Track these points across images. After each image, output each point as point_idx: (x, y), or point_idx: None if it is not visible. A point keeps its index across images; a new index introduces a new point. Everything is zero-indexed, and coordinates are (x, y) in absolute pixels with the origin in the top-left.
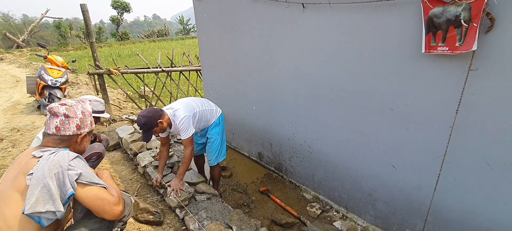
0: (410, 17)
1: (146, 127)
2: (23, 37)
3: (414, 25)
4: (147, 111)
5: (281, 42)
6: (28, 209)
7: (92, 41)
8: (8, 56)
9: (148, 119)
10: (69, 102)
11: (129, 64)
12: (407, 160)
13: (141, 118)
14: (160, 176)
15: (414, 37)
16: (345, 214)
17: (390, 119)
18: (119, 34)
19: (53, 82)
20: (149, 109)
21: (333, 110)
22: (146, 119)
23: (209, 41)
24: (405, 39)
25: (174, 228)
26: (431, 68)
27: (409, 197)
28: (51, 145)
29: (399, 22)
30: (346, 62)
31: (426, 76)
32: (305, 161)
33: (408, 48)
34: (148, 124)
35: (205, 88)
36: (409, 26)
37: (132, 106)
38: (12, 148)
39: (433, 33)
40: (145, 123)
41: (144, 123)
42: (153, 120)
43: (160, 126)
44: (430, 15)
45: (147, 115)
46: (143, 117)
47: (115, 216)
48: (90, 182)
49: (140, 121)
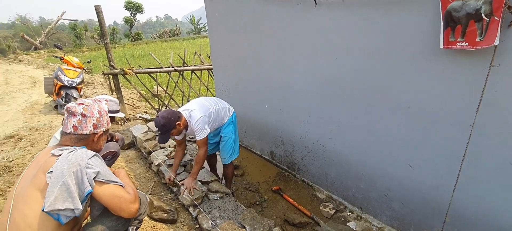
0: (427, 12)
1: (165, 128)
2: (41, 39)
3: (432, 20)
4: (166, 113)
5: (293, 40)
6: (48, 207)
7: (107, 42)
8: (27, 58)
9: (167, 120)
10: (86, 102)
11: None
12: (425, 159)
13: (160, 119)
14: (173, 174)
15: (432, 32)
16: (359, 215)
17: (406, 117)
18: (132, 34)
19: (69, 83)
20: (167, 111)
21: (347, 108)
22: (165, 120)
23: (221, 40)
24: (422, 34)
25: (188, 227)
26: (450, 65)
27: (427, 197)
28: (69, 143)
29: (415, 17)
30: (360, 60)
31: (444, 72)
32: (318, 160)
33: (425, 44)
34: (167, 126)
35: (217, 87)
36: (426, 21)
37: (145, 105)
38: (30, 146)
39: (451, 28)
40: (164, 124)
41: (163, 124)
42: (171, 122)
43: (177, 128)
44: (448, 9)
45: (166, 117)
46: (162, 118)
47: (131, 214)
48: (107, 180)
49: (159, 122)
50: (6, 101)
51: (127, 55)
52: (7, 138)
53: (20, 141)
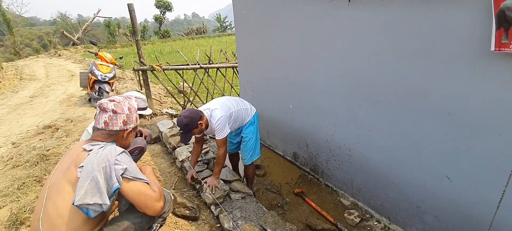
0: (478, 10)
1: (187, 128)
2: (78, 35)
3: (482, 19)
4: (188, 112)
5: (323, 39)
6: (78, 201)
7: (138, 39)
8: (65, 53)
9: (189, 120)
10: (117, 99)
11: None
12: (465, 171)
13: (183, 118)
14: (193, 171)
15: (482, 33)
16: (387, 225)
17: (447, 124)
18: (161, 32)
19: (102, 77)
20: (189, 110)
21: (379, 112)
22: (187, 119)
23: (247, 38)
24: (470, 35)
25: (209, 225)
26: (502, 69)
27: (465, 212)
28: (100, 139)
29: (463, 15)
30: (396, 61)
31: (494, 77)
32: (344, 164)
33: (473, 46)
34: (189, 125)
35: (241, 85)
36: (476, 21)
37: (171, 101)
38: (66, 137)
39: (505, 29)
40: (186, 124)
41: (186, 123)
42: (194, 121)
43: (199, 127)
44: (502, 8)
45: (189, 116)
46: (185, 117)
47: (156, 211)
48: (134, 177)
49: (182, 121)
50: (46, 93)
51: (155, 52)
52: (45, 127)
53: (56, 131)
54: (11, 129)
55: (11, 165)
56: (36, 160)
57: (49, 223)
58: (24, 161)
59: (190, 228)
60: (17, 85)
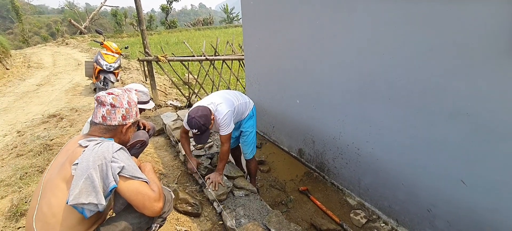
0: (504, 4)
1: (205, 127)
2: (85, 24)
3: (508, 15)
4: (200, 112)
5: (335, 33)
6: (72, 200)
7: (143, 28)
8: (72, 41)
9: (205, 119)
10: (116, 92)
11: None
12: (483, 176)
13: (198, 119)
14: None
15: (507, 29)
16: (394, 227)
17: (464, 126)
18: (168, 22)
19: (107, 67)
20: (199, 109)
21: (391, 110)
22: (204, 118)
23: (254, 29)
24: (494, 31)
25: (212, 222)
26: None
27: (481, 219)
28: (97, 134)
29: (487, 10)
30: (413, 56)
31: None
32: (352, 163)
33: (499, 42)
34: (207, 124)
35: (247, 78)
36: (501, 16)
37: (176, 92)
38: (70, 127)
39: None
40: (204, 123)
41: (204, 123)
42: (209, 119)
43: (212, 123)
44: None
45: (202, 115)
46: (201, 117)
47: (154, 212)
48: (132, 175)
49: (198, 122)
50: (52, 81)
51: (161, 42)
52: (50, 116)
53: (61, 121)
54: (17, 116)
55: (15, 153)
56: (40, 149)
57: (43, 222)
58: (27, 150)
59: (192, 225)
60: (25, 73)
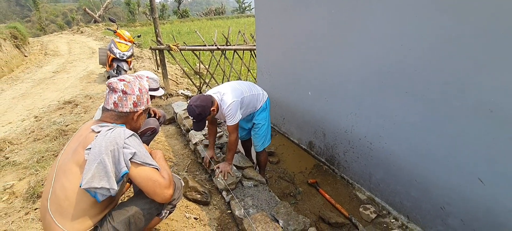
0: None
1: (200, 117)
2: (99, 13)
3: None
4: (199, 101)
5: (351, 21)
6: (85, 184)
7: (155, 17)
8: (87, 30)
9: (202, 109)
10: (127, 79)
11: (187, 41)
12: (503, 174)
13: (195, 108)
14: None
15: None
16: (405, 224)
17: (487, 122)
18: (180, 11)
19: (120, 55)
20: (200, 97)
21: (408, 104)
22: (200, 108)
23: (267, 18)
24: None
25: (220, 211)
26: None
27: (498, 220)
28: (109, 120)
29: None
30: (434, 47)
31: None
32: (363, 157)
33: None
34: (203, 114)
35: (259, 69)
36: None
37: (187, 82)
38: (84, 113)
39: None
40: (199, 113)
41: (199, 113)
42: (206, 109)
43: (212, 114)
44: None
45: (200, 104)
46: (197, 107)
47: (165, 199)
48: (143, 162)
49: (194, 111)
50: (68, 69)
51: (173, 32)
52: (66, 103)
53: (76, 107)
54: (34, 102)
55: (33, 138)
56: (55, 134)
57: (57, 204)
58: (44, 135)
59: (201, 213)
60: (42, 61)
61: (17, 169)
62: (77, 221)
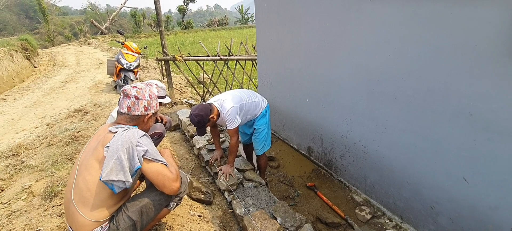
0: (509, 8)
1: (200, 124)
2: (106, 25)
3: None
4: (198, 110)
5: (343, 33)
6: (104, 177)
7: (161, 29)
8: (94, 41)
9: (200, 117)
10: (139, 86)
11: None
12: (485, 174)
13: (194, 117)
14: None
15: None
16: (399, 224)
17: (467, 125)
18: (184, 23)
19: (127, 66)
20: (199, 107)
21: (397, 110)
22: (198, 117)
23: (267, 30)
24: (500, 31)
25: (222, 210)
26: None
27: (482, 217)
28: (123, 122)
29: (494, 11)
30: (418, 57)
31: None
32: (358, 161)
33: (502, 43)
34: (202, 122)
35: (260, 77)
36: (507, 16)
37: (191, 91)
38: (94, 120)
39: None
40: (199, 121)
41: (198, 121)
42: (205, 117)
43: (211, 121)
44: None
45: (199, 113)
46: (196, 116)
47: (172, 191)
48: (154, 158)
49: (194, 119)
50: (76, 79)
51: (178, 43)
52: (76, 111)
53: (85, 115)
54: (45, 111)
55: (46, 143)
56: (68, 140)
57: (79, 195)
58: (57, 140)
59: (204, 211)
60: (51, 71)
61: (33, 171)
62: (97, 211)
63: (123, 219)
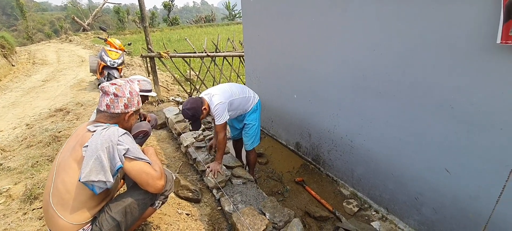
0: (485, 3)
1: (194, 117)
2: (88, 21)
3: (490, 11)
4: (190, 104)
5: (328, 29)
6: (83, 178)
7: (146, 25)
8: (76, 38)
9: (194, 110)
10: (119, 82)
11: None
12: (465, 165)
13: (187, 111)
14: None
15: (488, 25)
16: (385, 215)
17: (448, 118)
18: (170, 19)
19: (111, 63)
20: (190, 101)
21: (381, 104)
22: (192, 110)
23: (254, 27)
24: (477, 28)
25: (211, 207)
26: (508, 62)
27: (463, 206)
28: (103, 120)
29: (470, 7)
30: (400, 53)
31: (499, 71)
32: (345, 155)
33: (479, 39)
34: (196, 115)
35: (247, 74)
36: (483, 13)
37: (178, 88)
38: (76, 119)
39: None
40: (193, 115)
41: (192, 114)
42: (198, 110)
43: (204, 113)
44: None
45: (191, 107)
46: (189, 110)
47: (157, 189)
48: (136, 157)
49: (187, 113)
50: (57, 77)
51: (164, 39)
52: (57, 110)
53: (67, 114)
54: (24, 111)
55: (25, 144)
56: (49, 140)
57: (58, 197)
58: (37, 141)
59: (192, 209)
60: (30, 70)
61: (12, 174)
62: (77, 213)
63: (106, 220)
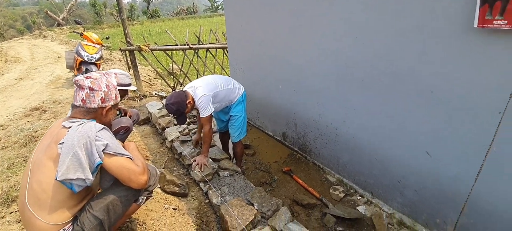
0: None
1: (179, 112)
2: (63, 15)
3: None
4: (173, 98)
5: (311, 18)
6: (60, 176)
7: (123, 17)
8: (50, 34)
9: (178, 105)
10: (94, 76)
11: (159, 41)
12: (445, 148)
13: (171, 105)
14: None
15: (465, 9)
16: (370, 199)
17: (429, 103)
18: (150, 12)
19: (88, 58)
20: (174, 95)
21: (364, 91)
22: (176, 105)
23: (237, 17)
24: (453, 12)
25: (198, 201)
26: (484, 46)
27: (444, 187)
28: (79, 116)
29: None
30: (381, 40)
31: (476, 55)
32: (331, 143)
33: (456, 23)
34: (180, 109)
35: (231, 66)
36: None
37: (161, 83)
38: (53, 118)
39: (489, 5)
40: (177, 109)
41: (177, 109)
42: (182, 104)
43: (189, 106)
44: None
45: (175, 101)
46: (173, 104)
47: (140, 185)
48: (115, 152)
49: (171, 109)
50: (32, 75)
51: (144, 33)
52: (33, 109)
53: (44, 113)
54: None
55: (0, 146)
56: (25, 141)
57: (34, 198)
58: (12, 142)
59: (179, 204)
60: (2, 68)
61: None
62: (56, 213)
63: (88, 219)
